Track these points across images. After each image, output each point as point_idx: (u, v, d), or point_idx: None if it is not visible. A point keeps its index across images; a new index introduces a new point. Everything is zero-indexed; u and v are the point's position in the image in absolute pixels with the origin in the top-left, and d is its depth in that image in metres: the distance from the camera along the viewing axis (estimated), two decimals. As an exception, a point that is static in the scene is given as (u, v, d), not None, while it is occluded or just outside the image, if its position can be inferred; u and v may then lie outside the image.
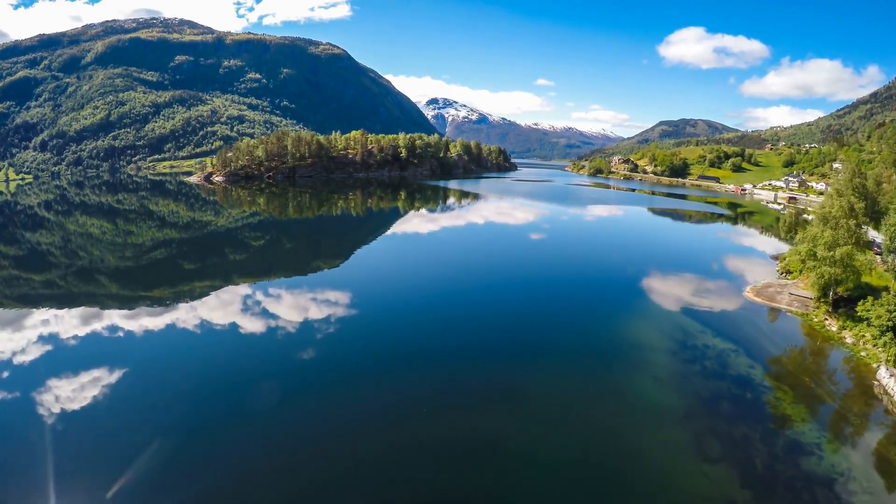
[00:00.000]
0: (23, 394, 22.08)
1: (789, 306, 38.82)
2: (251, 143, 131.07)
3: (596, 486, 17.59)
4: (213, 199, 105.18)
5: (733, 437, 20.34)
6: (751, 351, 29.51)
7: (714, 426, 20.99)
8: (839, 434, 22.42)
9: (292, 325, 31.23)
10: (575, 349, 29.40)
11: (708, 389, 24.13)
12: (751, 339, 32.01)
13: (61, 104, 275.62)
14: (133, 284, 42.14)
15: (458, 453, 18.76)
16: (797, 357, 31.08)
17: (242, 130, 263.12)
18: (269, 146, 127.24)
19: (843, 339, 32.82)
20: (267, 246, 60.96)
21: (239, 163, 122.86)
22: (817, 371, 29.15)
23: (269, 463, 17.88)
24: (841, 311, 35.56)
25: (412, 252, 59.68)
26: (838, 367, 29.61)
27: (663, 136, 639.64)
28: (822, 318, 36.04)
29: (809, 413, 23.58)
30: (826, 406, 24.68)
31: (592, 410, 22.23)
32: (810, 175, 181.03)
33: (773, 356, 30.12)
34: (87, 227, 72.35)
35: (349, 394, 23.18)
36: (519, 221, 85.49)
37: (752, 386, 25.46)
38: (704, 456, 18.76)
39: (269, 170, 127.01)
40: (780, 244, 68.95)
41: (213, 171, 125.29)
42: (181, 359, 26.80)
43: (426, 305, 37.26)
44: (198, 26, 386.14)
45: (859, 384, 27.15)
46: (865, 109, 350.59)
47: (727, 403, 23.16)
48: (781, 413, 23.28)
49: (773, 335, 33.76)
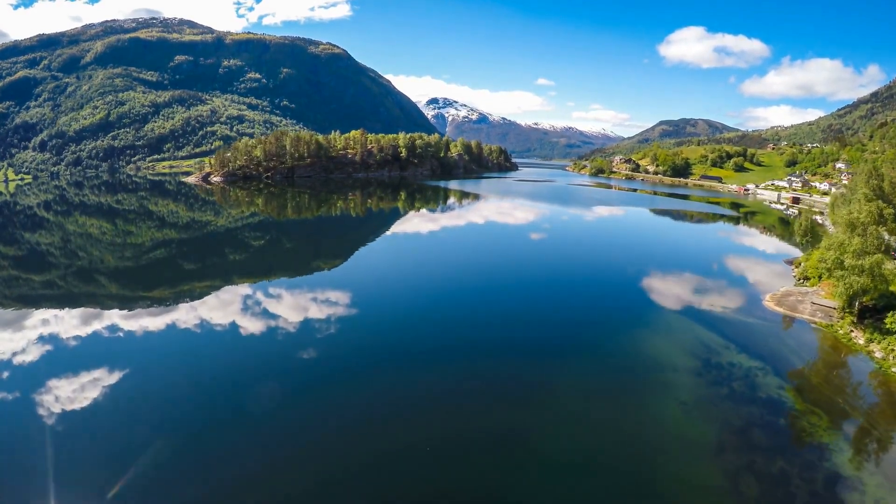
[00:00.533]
0: (23, 394, 21.99)
1: (812, 317, 36.76)
2: (249, 143, 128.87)
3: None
4: (212, 199, 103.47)
5: (772, 474, 18.35)
6: (779, 369, 27.46)
7: (750, 461, 18.96)
8: (880, 464, 20.47)
9: (293, 326, 31.09)
10: (587, 356, 28.39)
11: (739, 417, 22.10)
12: (777, 354, 29.93)
13: (61, 104, 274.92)
14: (133, 284, 41.86)
15: (459, 454, 18.60)
16: (826, 374, 29.06)
17: (242, 130, 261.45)
18: (268, 146, 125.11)
19: (872, 353, 30.82)
20: (266, 246, 59.75)
21: (237, 163, 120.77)
22: (848, 389, 27.16)
23: (270, 463, 17.70)
24: (867, 323, 33.51)
25: (413, 252, 58.94)
26: (868, 384, 27.61)
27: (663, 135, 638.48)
28: (848, 330, 34.01)
29: (846, 439, 21.66)
30: (862, 430, 22.72)
31: (610, 440, 20.50)
32: (813, 175, 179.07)
33: (801, 373, 28.13)
34: (87, 227, 71.74)
35: (350, 394, 22.96)
36: (520, 221, 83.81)
37: (784, 410, 23.46)
38: (742, 499, 16.82)
39: (268, 170, 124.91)
40: (789, 247, 66.93)
41: (211, 171, 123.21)
42: (181, 359, 26.65)
43: (427, 305, 36.84)
44: (197, 26, 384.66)
45: (891, 402, 25.25)
46: (866, 109, 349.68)
47: (760, 433, 21.11)
48: (818, 442, 21.28)
49: (800, 349, 31.72)
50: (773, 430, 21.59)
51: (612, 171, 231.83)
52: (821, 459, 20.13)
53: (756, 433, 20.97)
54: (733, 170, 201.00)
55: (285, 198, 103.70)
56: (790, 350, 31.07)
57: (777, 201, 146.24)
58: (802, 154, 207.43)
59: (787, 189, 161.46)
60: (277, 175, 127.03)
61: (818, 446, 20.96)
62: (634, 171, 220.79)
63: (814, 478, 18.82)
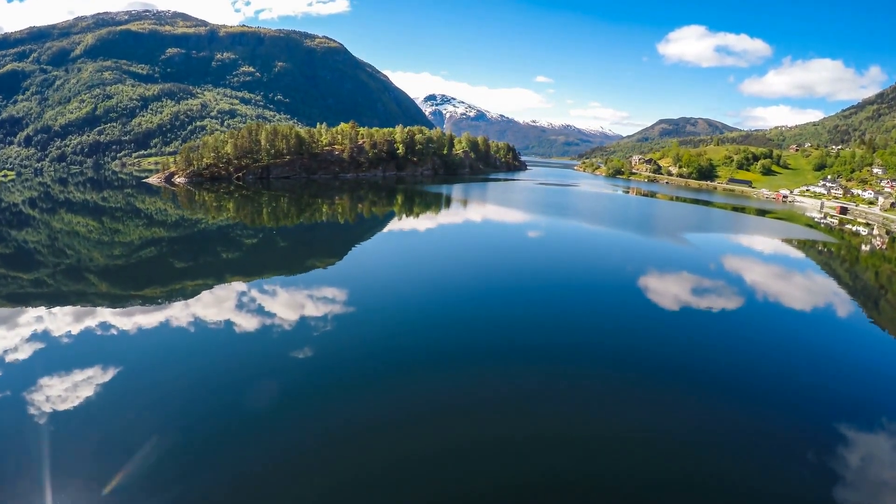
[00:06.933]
0: (15, 392, 21.41)
1: None
2: (220, 138, 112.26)
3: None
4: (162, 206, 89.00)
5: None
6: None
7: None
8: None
9: (289, 324, 30.37)
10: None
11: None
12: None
13: (48, 98, 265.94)
14: (123, 282, 40.91)
15: (460, 458, 17.84)
16: None
17: (234, 125, 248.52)
18: (240, 141, 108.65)
19: None
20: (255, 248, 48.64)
21: (204, 161, 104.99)
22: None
23: (265, 462, 17.18)
24: None
25: (415, 251, 56.27)
26: None
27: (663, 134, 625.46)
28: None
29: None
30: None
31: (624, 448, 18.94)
32: (848, 181, 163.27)
33: None
34: (73, 224, 69.73)
35: (350, 393, 22.32)
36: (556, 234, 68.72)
37: None
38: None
39: (239, 169, 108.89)
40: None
41: (175, 170, 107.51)
42: (176, 357, 26.04)
43: (430, 305, 35.62)
44: (191, 19, 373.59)
45: None
46: (872, 110, 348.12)
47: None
48: None
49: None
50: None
51: (632, 172, 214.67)
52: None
53: None
54: (761, 172, 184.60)
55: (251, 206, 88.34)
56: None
57: (819, 210, 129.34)
58: (831, 157, 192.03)
59: (828, 196, 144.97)
60: (249, 175, 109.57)
61: None
62: (656, 172, 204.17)
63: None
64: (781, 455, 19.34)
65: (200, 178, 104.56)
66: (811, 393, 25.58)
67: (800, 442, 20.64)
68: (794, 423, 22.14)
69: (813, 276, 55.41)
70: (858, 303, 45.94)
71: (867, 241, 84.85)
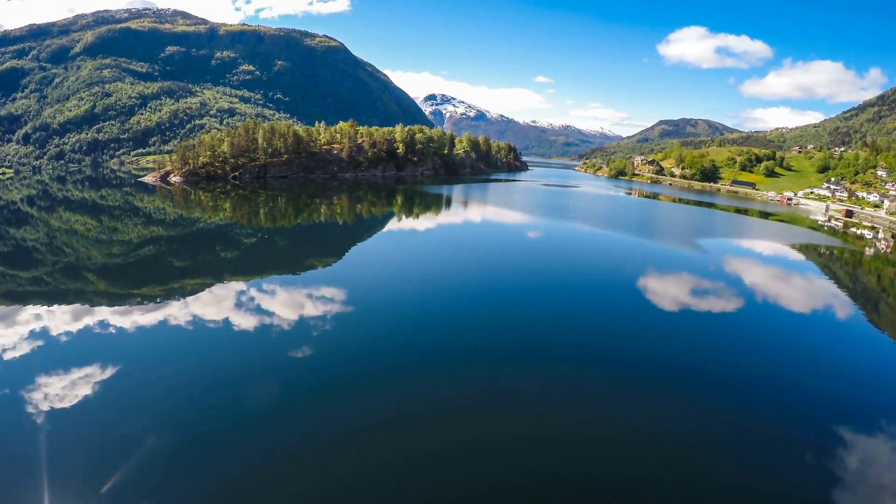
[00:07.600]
0: (13, 391, 21.22)
1: None
2: (216, 137, 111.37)
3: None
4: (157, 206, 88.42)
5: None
6: None
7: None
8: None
9: (287, 323, 30.08)
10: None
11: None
12: None
13: (47, 95, 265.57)
14: (122, 281, 40.66)
15: (460, 458, 17.70)
16: None
17: (233, 124, 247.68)
18: (237, 139, 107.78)
19: None
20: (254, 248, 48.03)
21: (200, 160, 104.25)
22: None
23: (264, 460, 17.07)
24: None
25: (414, 252, 56.25)
26: None
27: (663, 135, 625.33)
28: None
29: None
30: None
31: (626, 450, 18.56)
32: (852, 183, 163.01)
33: None
34: (72, 223, 69.09)
35: (349, 393, 22.10)
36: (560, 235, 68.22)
37: None
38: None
39: (235, 168, 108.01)
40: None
41: (171, 169, 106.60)
42: (174, 356, 25.74)
43: (430, 305, 35.47)
44: (191, 17, 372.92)
45: None
46: (873, 112, 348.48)
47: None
48: None
49: None
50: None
51: (635, 173, 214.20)
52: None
53: None
54: (764, 174, 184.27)
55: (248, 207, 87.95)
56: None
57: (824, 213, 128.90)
58: (834, 159, 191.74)
59: (833, 199, 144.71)
60: (246, 175, 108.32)
61: None
62: (659, 173, 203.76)
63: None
64: (781, 456, 18.88)
65: (196, 178, 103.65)
66: (811, 395, 25.28)
67: (799, 444, 20.10)
68: (794, 425, 21.58)
69: (813, 279, 55.08)
70: (859, 306, 45.88)
71: (871, 245, 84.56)
